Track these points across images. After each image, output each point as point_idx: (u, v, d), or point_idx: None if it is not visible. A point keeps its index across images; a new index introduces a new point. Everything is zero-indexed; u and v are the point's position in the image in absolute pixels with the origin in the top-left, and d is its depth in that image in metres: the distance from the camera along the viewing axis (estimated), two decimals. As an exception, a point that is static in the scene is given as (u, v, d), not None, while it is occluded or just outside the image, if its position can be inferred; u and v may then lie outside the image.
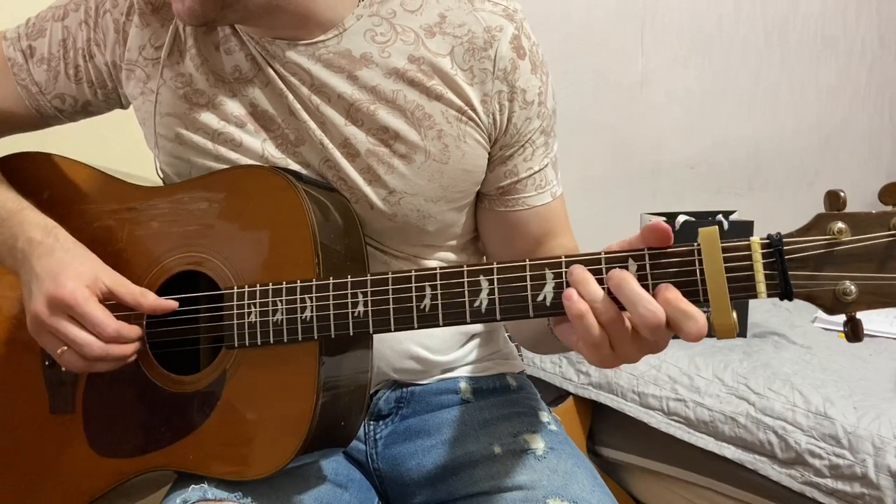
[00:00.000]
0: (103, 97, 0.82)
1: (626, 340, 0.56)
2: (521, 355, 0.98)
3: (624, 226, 1.76)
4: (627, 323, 0.56)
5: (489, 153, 0.77)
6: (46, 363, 0.78)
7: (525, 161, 0.78)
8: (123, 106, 0.84)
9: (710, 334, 0.55)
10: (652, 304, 0.54)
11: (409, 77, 0.73)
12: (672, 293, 0.55)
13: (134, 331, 0.70)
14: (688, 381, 1.40)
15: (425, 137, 0.74)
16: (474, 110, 0.74)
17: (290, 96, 0.74)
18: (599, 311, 0.56)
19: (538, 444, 0.79)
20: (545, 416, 0.84)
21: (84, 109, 0.84)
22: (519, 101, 0.75)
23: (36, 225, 0.73)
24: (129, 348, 0.70)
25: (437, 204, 0.77)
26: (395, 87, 0.73)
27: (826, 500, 1.19)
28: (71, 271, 0.69)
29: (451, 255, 0.84)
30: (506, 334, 0.94)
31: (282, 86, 0.74)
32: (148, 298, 0.71)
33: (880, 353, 1.48)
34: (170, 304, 0.71)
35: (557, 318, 0.63)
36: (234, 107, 0.76)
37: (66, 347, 0.69)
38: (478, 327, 0.87)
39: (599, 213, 1.89)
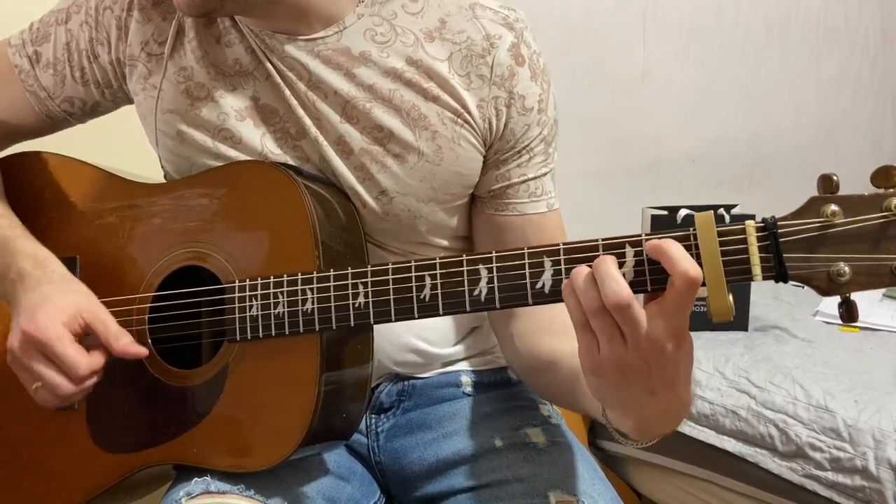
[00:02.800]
0: (111, 97, 0.82)
1: (614, 339, 0.55)
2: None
3: (624, 220, 1.76)
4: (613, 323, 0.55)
5: (484, 157, 0.77)
6: (49, 359, 0.78)
7: (519, 167, 0.77)
8: (130, 102, 0.84)
9: (709, 327, 0.56)
10: (616, 284, 0.53)
11: (407, 78, 0.73)
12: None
13: (101, 361, 0.69)
14: (689, 375, 1.40)
15: (419, 138, 0.74)
16: (469, 113, 0.74)
17: (287, 91, 0.74)
18: (580, 291, 0.55)
19: (539, 437, 0.79)
20: (546, 410, 0.85)
21: (93, 111, 0.84)
22: (517, 107, 0.75)
23: (27, 255, 0.73)
24: (98, 378, 0.70)
25: (428, 205, 0.77)
26: (392, 86, 0.73)
27: (826, 493, 1.19)
28: (49, 306, 0.68)
29: (448, 252, 0.84)
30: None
31: (279, 80, 0.74)
32: (120, 342, 0.69)
33: (881, 346, 1.48)
34: (140, 350, 0.70)
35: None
36: (234, 100, 0.76)
37: (40, 384, 0.68)
38: (479, 321, 0.87)
39: (599, 208, 1.89)
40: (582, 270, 0.56)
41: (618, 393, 0.58)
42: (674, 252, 0.54)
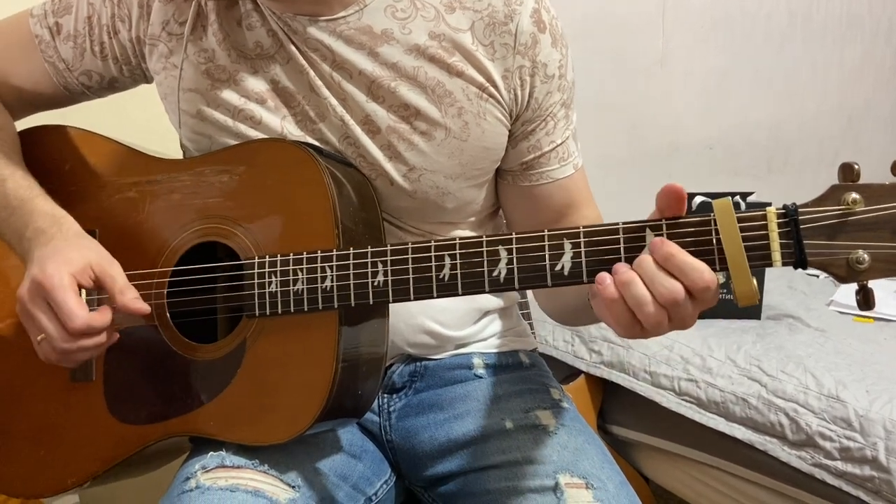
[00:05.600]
0: (129, 73, 0.83)
1: (653, 318, 0.57)
2: (533, 333, 0.99)
3: (639, 206, 1.75)
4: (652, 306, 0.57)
5: (510, 130, 0.78)
6: (67, 331, 0.79)
7: (547, 135, 0.78)
8: (148, 81, 0.84)
9: (723, 315, 0.56)
10: (668, 282, 0.55)
11: (430, 54, 0.73)
12: (671, 247, 0.56)
13: (104, 318, 0.68)
14: (700, 362, 1.40)
15: (445, 114, 0.74)
16: (495, 86, 0.74)
17: (312, 73, 0.74)
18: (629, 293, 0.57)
19: (549, 420, 0.79)
20: (557, 394, 0.85)
21: (111, 86, 0.85)
22: (540, 76, 0.75)
23: (44, 214, 0.73)
24: (102, 339, 0.69)
25: (457, 181, 0.77)
26: (416, 63, 0.73)
27: (835, 483, 1.19)
28: (60, 258, 0.68)
29: (468, 232, 0.84)
30: (519, 312, 0.94)
31: (303, 62, 0.74)
32: (125, 296, 0.69)
33: (895, 337, 1.47)
34: (143, 307, 0.70)
35: (594, 292, 0.63)
36: (255, 83, 0.76)
37: (42, 336, 0.68)
38: (492, 304, 0.87)
39: (615, 193, 1.87)
40: (632, 280, 0.57)
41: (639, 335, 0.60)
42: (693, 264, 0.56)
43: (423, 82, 0.74)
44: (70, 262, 0.68)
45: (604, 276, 0.58)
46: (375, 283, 0.65)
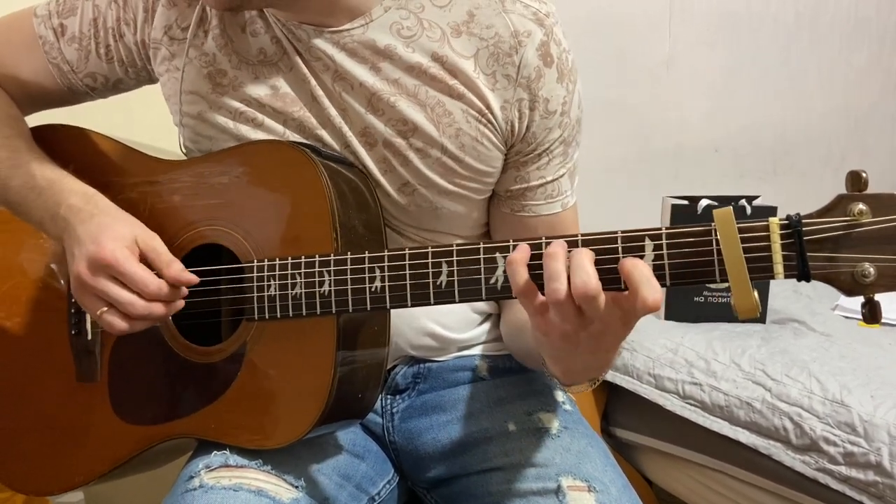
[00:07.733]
0: (133, 75, 0.83)
1: (569, 319, 0.56)
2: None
3: (645, 208, 1.75)
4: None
5: (505, 155, 0.77)
6: (73, 332, 0.80)
7: (538, 170, 0.77)
8: (153, 81, 0.85)
9: (727, 318, 0.56)
10: (584, 274, 0.54)
11: (431, 74, 0.73)
12: (631, 261, 0.54)
13: (166, 290, 0.69)
14: (704, 366, 1.40)
15: (443, 134, 0.74)
16: (493, 114, 0.74)
17: (313, 82, 0.75)
18: (550, 276, 0.55)
19: (552, 423, 0.79)
20: (560, 396, 0.85)
21: (115, 87, 0.85)
22: (540, 111, 0.74)
23: (76, 192, 0.73)
24: (173, 306, 0.70)
25: (450, 197, 0.77)
26: (417, 81, 0.73)
27: (839, 487, 1.19)
28: (111, 233, 0.69)
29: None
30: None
31: (305, 71, 0.75)
32: (171, 268, 0.70)
33: (900, 342, 1.47)
34: (191, 277, 0.71)
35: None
36: (256, 89, 0.76)
37: (106, 308, 0.69)
38: (495, 307, 0.87)
39: (620, 195, 1.88)
40: (555, 254, 0.56)
41: (556, 351, 0.60)
42: (637, 277, 0.53)
43: (423, 100, 0.73)
44: (121, 236, 0.69)
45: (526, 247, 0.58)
46: (373, 289, 0.65)
